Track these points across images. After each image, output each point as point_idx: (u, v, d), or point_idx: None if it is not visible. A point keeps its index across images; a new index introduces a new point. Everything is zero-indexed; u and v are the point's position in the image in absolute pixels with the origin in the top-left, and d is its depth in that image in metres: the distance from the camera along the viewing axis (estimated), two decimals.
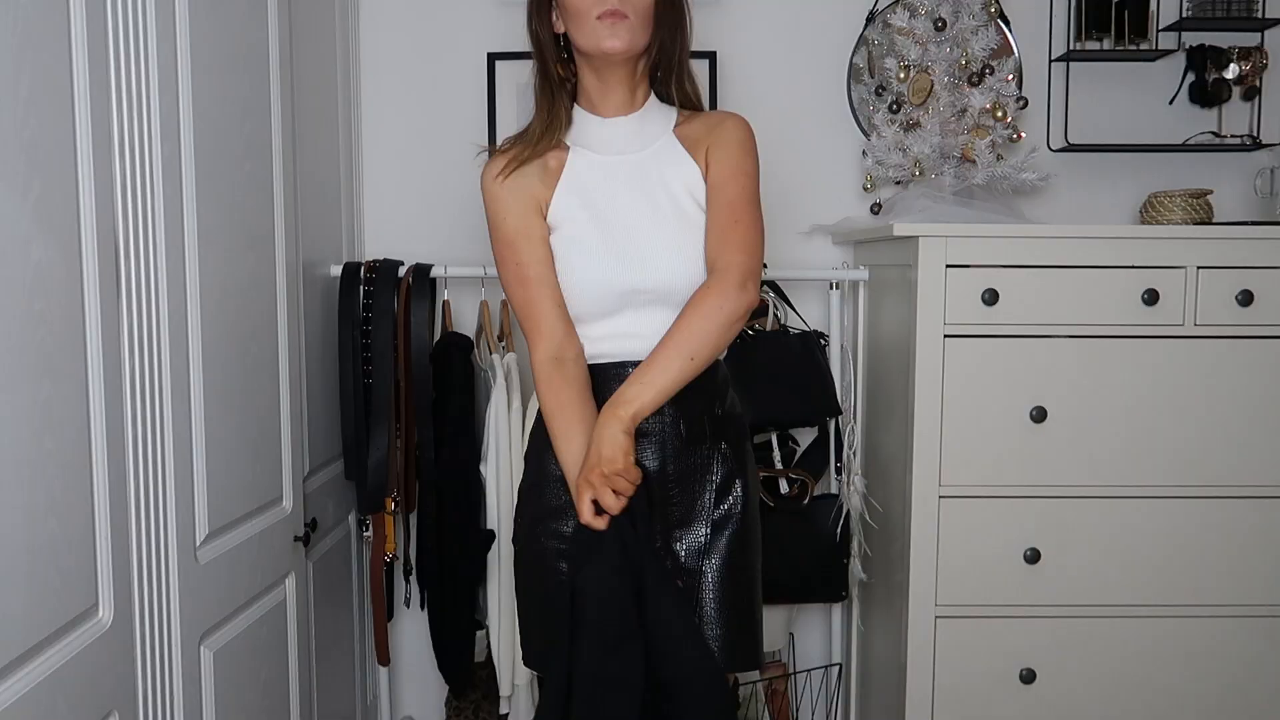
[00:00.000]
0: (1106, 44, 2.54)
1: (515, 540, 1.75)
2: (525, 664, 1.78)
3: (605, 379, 1.67)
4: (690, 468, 1.67)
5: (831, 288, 2.56)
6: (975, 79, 2.34)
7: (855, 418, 2.47)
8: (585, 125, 1.70)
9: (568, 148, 1.70)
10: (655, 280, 1.63)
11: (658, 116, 1.71)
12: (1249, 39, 2.57)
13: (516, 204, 1.67)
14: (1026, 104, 2.45)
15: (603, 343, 1.67)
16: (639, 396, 1.58)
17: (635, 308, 1.65)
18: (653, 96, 1.72)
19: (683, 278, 1.63)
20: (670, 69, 1.70)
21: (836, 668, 2.64)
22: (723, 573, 1.66)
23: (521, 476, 1.78)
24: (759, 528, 1.75)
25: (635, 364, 1.65)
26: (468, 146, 2.38)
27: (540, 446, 1.72)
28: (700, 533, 1.67)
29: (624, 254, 1.63)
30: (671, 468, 1.66)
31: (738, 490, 1.70)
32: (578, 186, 1.67)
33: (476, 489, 2.33)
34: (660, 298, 1.64)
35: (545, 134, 1.68)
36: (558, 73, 1.68)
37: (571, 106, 1.70)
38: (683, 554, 1.66)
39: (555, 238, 1.67)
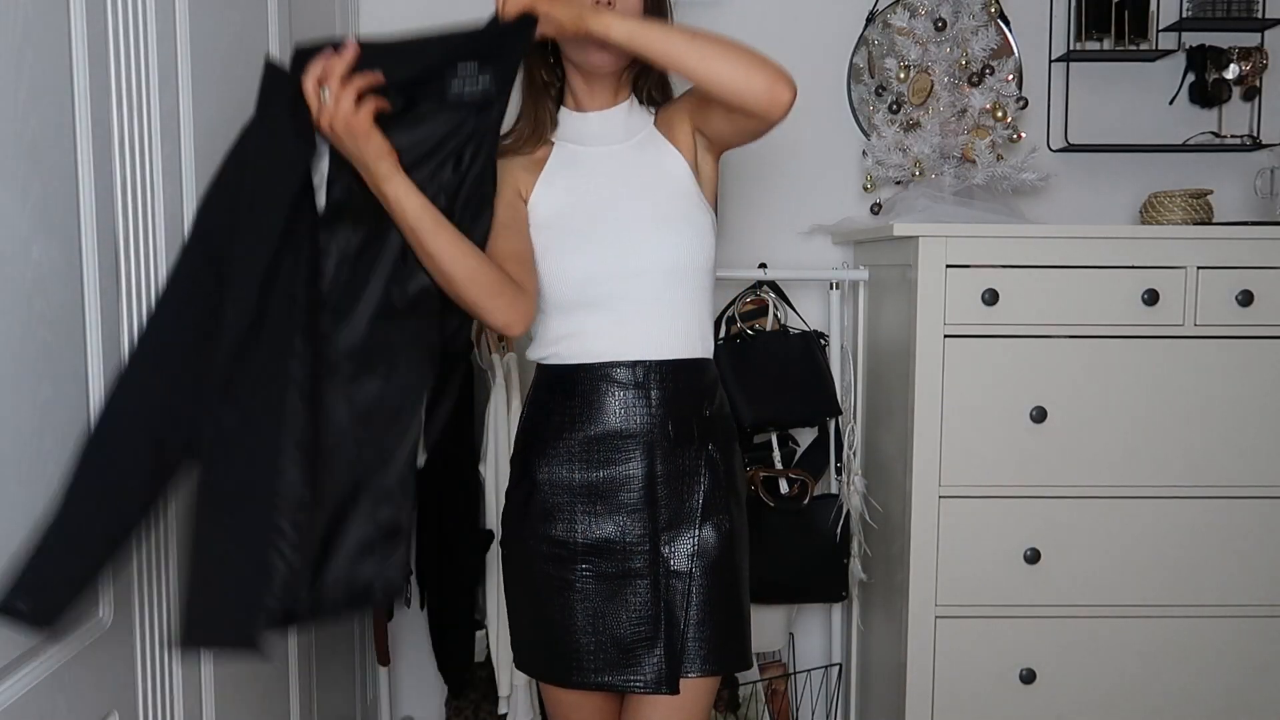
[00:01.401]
0: (1106, 44, 2.54)
1: (503, 544, 1.75)
2: (517, 667, 1.78)
3: (594, 380, 1.65)
4: (678, 470, 1.66)
5: (831, 288, 2.56)
6: (975, 79, 2.34)
7: (855, 418, 2.47)
8: (569, 121, 1.72)
9: (552, 143, 1.72)
10: (638, 264, 1.63)
11: (639, 110, 1.74)
12: (1249, 39, 2.57)
13: (500, 182, 1.67)
14: (1026, 104, 2.45)
15: (593, 340, 1.65)
16: (628, 18, 1.51)
17: (623, 299, 1.64)
18: (633, 96, 1.74)
19: (668, 262, 1.64)
20: (650, 76, 1.73)
21: (836, 668, 2.64)
22: (711, 575, 1.65)
23: (508, 481, 1.77)
24: (746, 529, 1.75)
25: (626, 364, 1.64)
26: None
27: (526, 451, 1.71)
28: (689, 536, 1.65)
29: (608, 240, 1.64)
30: (660, 469, 1.65)
31: (726, 492, 1.69)
32: (561, 176, 1.69)
33: (476, 489, 2.33)
34: (647, 286, 1.64)
35: (532, 136, 1.71)
36: (542, 78, 1.71)
37: (557, 109, 1.73)
38: (671, 557, 1.65)
39: (539, 229, 1.67)
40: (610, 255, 1.63)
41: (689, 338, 1.68)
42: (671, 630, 1.64)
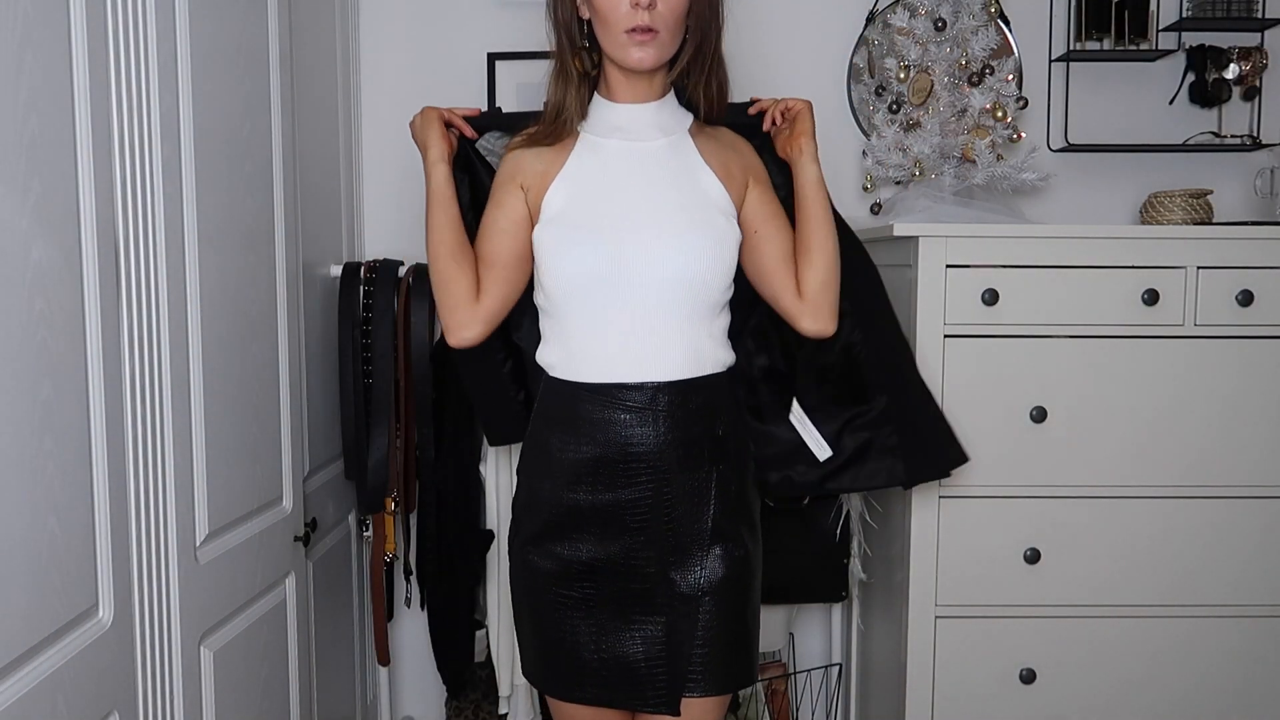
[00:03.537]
0: (1106, 44, 2.54)
1: (510, 555, 1.74)
2: (523, 674, 1.77)
3: (601, 403, 1.61)
4: (687, 492, 1.62)
5: None
6: (975, 79, 2.34)
7: None
8: (599, 110, 1.66)
9: (578, 133, 1.66)
10: (649, 271, 1.58)
11: (674, 111, 1.68)
12: (1249, 39, 2.57)
13: (504, 175, 1.68)
14: (1026, 104, 2.45)
15: (600, 359, 1.61)
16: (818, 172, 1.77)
17: (631, 310, 1.59)
18: (671, 91, 1.68)
19: (682, 273, 1.58)
20: (703, 73, 1.66)
21: (836, 668, 2.64)
22: (719, 601, 1.63)
23: (514, 492, 1.76)
24: (760, 553, 1.71)
25: (634, 385, 1.60)
26: None
27: (531, 466, 1.69)
28: (698, 560, 1.62)
29: (620, 240, 1.58)
30: (668, 492, 1.61)
31: (736, 515, 1.66)
32: (581, 170, 1.63)
33: (476, 489, 2.33)
34: (658, 296, 1.59)
35: (557, 128, 1.65)
36: (576, 67, 1.63)
37: (589, 97, 1.66)
38: (679, 582, 1.62)
39: (549, 224, 1.62)
40: (619, 257, 1.58)
41: (700, 355, 1.63)
42: (675, 652, 1.61)
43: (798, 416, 1.83)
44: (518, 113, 1.83)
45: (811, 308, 1.69)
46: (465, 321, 1.66)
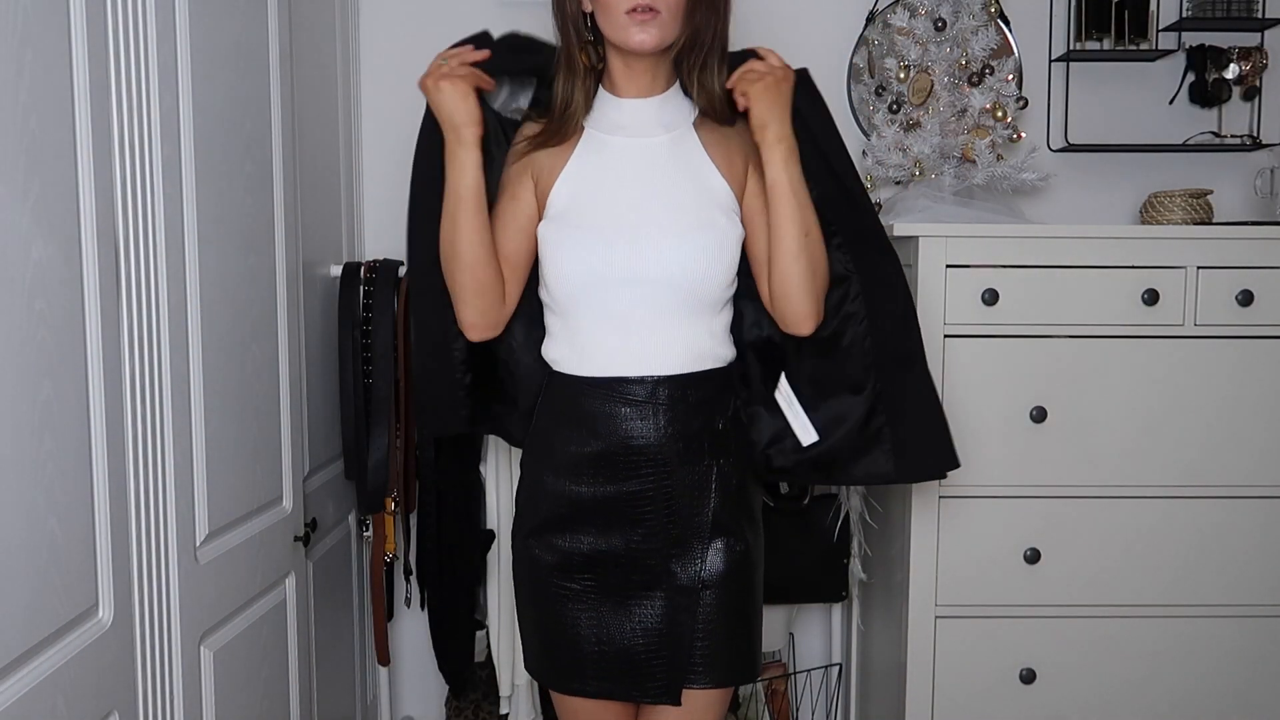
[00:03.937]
0: (1106, 44, 2.54)
1: (512, 547, 1.74)
2: (525, 668, 1.77)
3: (603, 397, 1.62)
4: (687, 485, 1.63)
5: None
6: (975, 79, 2.34)
7: None
8: (603, 106, 1.66)
9: (582, 128, 1.66)
10: (649, 273, 1.58)
11: (678, 105, 1.67)
12: (1249, 39, 2.57)
13: (518, 167, 1.66)
14: (1026, 104, 2.45)
15: (602, 354, 1.62)
16: (795, 160, 1.58)
17: (632, 308, 1.59)
18: (677, 84, 1.67)
19: (683, 275, 1.59)
20: (698, 59, 1.62)
21: (836, 668, 2.64)
22: (720, 594, 1.62)
23: (518, 484, 1.76)
24: (761, 547, 1.71)
25: (635, 379, 1.60)
26: None
27: (535, 458, 1.70)
28: (698, 553, 1.62)
29: (621, 241, 1.58)
30: (669, 485, 1.62)
31: (737, 508, 1.66)
32: (586, 166, 1.63)
33: (476, 489, 2.33)
34: (659, 296, 1.59)
35: (563, 124, 1.64)
36: (582, 61, 1.62)
37: (594, 92, 1.65)
38: (679, 573, 1.62)
39: (552, 220, 1.62)
40: (620, 256, 1.58)
41: (701, 351, 1.63)
42: (675, 644, 1.62)
43: (784, 395, 1.72)
44: (522, 42, 1.72)
45: (777, 316, 1.65)
46: (495, 323, 1.67)
